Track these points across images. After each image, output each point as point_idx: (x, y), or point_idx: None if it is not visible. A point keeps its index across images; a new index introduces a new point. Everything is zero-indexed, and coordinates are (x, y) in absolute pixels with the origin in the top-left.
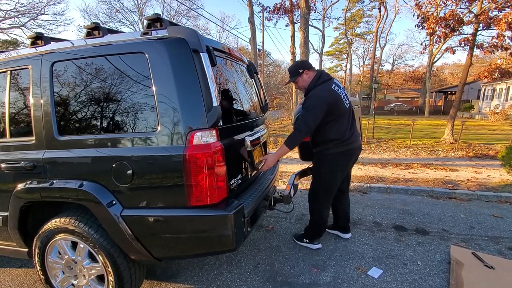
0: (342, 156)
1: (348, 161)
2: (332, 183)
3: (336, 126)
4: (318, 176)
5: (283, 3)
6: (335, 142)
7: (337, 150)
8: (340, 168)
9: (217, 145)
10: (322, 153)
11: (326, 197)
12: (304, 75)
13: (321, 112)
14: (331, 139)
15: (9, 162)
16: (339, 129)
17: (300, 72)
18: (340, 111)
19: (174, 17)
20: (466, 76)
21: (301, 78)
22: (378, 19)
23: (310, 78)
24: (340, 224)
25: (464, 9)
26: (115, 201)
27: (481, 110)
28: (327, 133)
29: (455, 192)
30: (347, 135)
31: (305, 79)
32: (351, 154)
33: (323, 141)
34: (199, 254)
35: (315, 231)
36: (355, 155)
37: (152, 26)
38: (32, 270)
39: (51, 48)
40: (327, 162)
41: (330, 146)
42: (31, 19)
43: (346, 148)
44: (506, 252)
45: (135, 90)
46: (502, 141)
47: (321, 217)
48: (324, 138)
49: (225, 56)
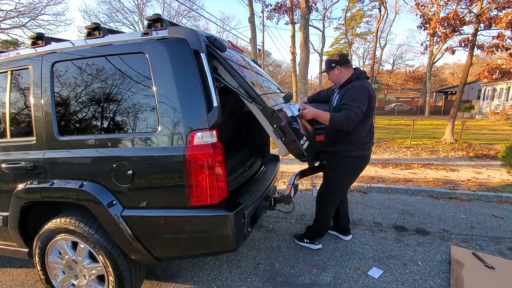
0: (360, 161)
1: (363, 166)
2: (346, 186)
3: (362, 126)
4: (334, 177)
5: (284, 2)
6: (358, 145)
7: (357, 154)
8: (356, 172)
9: (217, 145)
10: (342, 154)
11: (337, 199)
12: (336, 70)
13: (365, 103)
14: (354, 141)
15: (9, 162)
16: (362, 131)
17: (333, 66)
18: (370, 111)
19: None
20: (466, 76)
21: (332, 72)
22: (378, 19)
23: (340, 74)
24: (341, 226)
25: (465, 9)
26: (115, 201)
27: (482, 110)
28: (353, 133)
29: (455, 192)
30: (367, 139)
31: (335, 74)
32: (366, 160)
33: (347, 142)
34: (199, 254)
35: (318, 232)
36: (367, 162)
37: (153, 26)
38: (32, 270)
39: (52, 48)
40: (346, 165)
41: (352, 148)
42: (31, 19)
43: (364, 153)
44: (506, 252)
45: (136, 90)
46: (502, 141)
47: (327, 218)
48: (348, 139)
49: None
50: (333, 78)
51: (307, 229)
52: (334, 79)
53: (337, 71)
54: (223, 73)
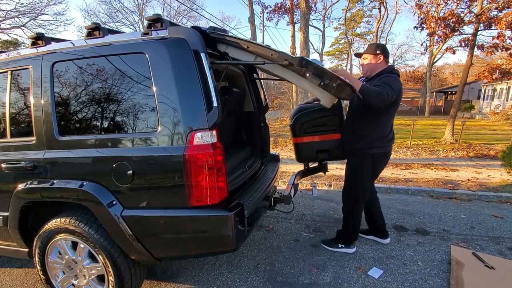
0: (382, 158)
1: (384, 163)
2: (371, 184)
3: (386, 120)
4: (355, 176)
5: (284, 3)
6: (382, 141)
7: (380, 151)
8: (378, 170)
9: (217, 145)
10: (363, 152)
11: (362, 198)
12: (378, 58)
13: (396, 93)
14: (377, 136)
15: (9, 162)
16: (386, 127)
17: (378, 53)
18: (397, 104)
19: (175, 18)
20: (466, 76)
21: (374, 57)
22: (378, 19)
23: (379, 64)
24: (378, 229)
25: (465, 8)
26: (115, 201)
27: (482, 110)
28: (377, 127)
29: (455, 192)
30: (390, 136)
31: (375, 62)
32: (388, 156)
33: (370, 138)
34: (199, 254)
35: (352, 233)
36: (389, 158)
37: (153, 26)
38: (32, 270)
39: (52, 48)
40: (370, 162)
41: (376, 144)
42: (31, 19)
43: (387, 149)
44: (506, 252)
45: (136, 91)
46: (502, 141)
47: (357, 218)
48: (372, 134)
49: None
50: (369, 65)
51: (339, 233)
52: (371, 67)
53: (378, 60)
54: (235, 53)
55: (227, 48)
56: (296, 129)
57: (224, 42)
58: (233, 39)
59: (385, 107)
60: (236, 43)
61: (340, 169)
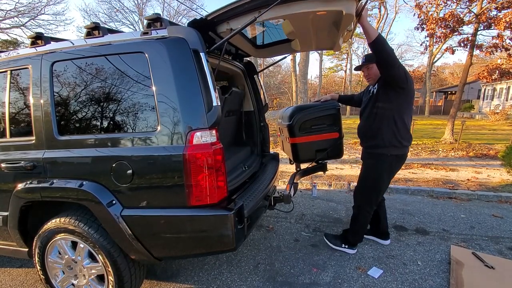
0: (400, 159)
1: (401, 165)
2: (386, 185)
3: (406, 115)
4: (371, 177)
5: None
6: (400, 143)
7: (398, 152)
8: (394, 172)
9: (217, 145)
10: (380, 153)
11: (375, 199)
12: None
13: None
14: (398, 133)
15: (9, 162)
16: (407, 125)
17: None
18: (410, 100)
19: (174, 17)
20: (466, 76)
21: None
22: (378, 19)
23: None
24: (381, 230)
25: (465, 8)
26: (115, 201)
27: (481, 110)
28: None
29: (455, 192)
30: (408, 136)
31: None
32: (405, 158)
33: (389, 136)
34: (199, 254)
35: (359, 235)
36: (405, 160)
37: (152, 26)
38: (32, 270)
39: (51, 48)
40: (387, 164)
41: (393, 145)
42: (31, 19)
43: (403, 151)
44: (506, 252)
45: (135, 90)
46: (502, 141)
47: (367, 220)
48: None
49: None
50: (376, 73)
51: (346, 232)
52: (377, 73)
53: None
54: (240, 21)
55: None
56: (296, 129)
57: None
58: (232, 6)
59: (393, 78)
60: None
61: (340, 169)
